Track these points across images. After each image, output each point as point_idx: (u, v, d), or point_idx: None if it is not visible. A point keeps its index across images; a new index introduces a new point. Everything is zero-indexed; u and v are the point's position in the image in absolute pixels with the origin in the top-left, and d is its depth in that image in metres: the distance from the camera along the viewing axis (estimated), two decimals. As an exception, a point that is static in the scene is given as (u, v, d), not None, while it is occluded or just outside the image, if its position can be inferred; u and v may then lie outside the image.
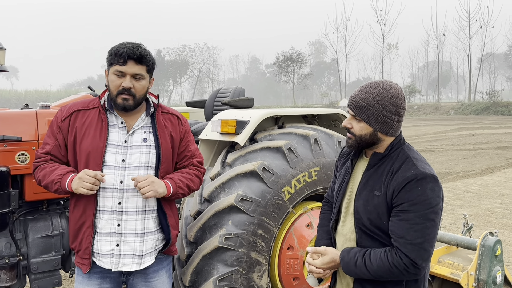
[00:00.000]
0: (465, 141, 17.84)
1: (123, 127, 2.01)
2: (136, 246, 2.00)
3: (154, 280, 2.10)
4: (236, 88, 3.92)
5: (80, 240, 1.99)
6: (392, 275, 1.65)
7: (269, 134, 2.98)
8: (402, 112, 1.74)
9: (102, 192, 1.95)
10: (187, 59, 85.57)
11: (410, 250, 1.61)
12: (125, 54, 1.89)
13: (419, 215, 1.62)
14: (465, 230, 4.10)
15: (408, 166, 1.68)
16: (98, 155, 1.93)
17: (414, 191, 1.62)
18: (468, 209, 7.19)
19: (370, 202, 1.73)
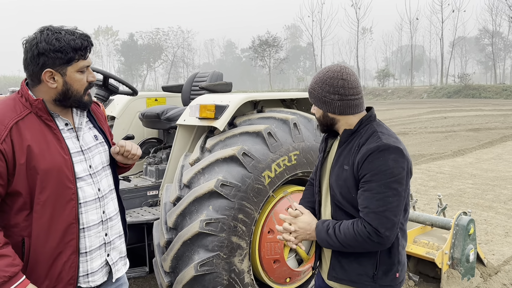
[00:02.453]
0: (437, 124, 18.28)
1: (70, 129, 1.73)
2: (122, 248, 1.91)
3: (122, 277, 1.98)
4: (213, 72, 3.87)
5: (57, 274, 1.66)
6: (357, 243, 1.70)
7: (249, 119, 2.95)
8: (342, 91, 1.78)
9: (84, 207, 1.70)
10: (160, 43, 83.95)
11: (372, 219, 1.66)
12: (87, 46, 1.66)
13: (380, 185, 1.66)
14: (439, 211, 4.22)
15: (373, 139, 1.74)
16: (68, 169, 1.64)
17: (376, 161, 1.68)
18: (441, 190, 7.40)
19: (341, 176, 1.79)
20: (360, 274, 1.80)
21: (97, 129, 1.85)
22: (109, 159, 1.86)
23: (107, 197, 1.81)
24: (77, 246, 1.69)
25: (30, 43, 1.61)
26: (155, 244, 2.74)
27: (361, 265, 1.80)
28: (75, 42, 1.62)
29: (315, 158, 3.01)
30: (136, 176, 3.65)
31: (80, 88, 1.69)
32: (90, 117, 1.84)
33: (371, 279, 1.79)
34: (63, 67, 1.62)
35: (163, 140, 3.95)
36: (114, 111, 3.94)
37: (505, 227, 5.53)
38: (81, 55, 1.64)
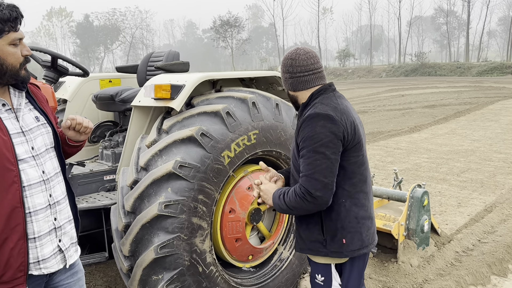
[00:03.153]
0: (395, 102, 18.81)
1: (9, 110, 1.65)
2: (72, 234, 1.85)
3: (76, 264, 1.93)
4: (169, 51, 3.76)
5: (5, 261, 1.59)
6: (298, 205, 1.87)
7: (206, 99, 2.90)
8: (291, 69, 1.99)
9: (28, 191, 1.63)
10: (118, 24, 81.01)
11: (304, 181, 1.84)
12: (17, 17, 1.58)
13: (309, 150, 1.83)
14: (395, 184, 4.37)
15: (310, 109, 1.91)
16: (8, 150, 1.56)
17: (306, 129, 1.85)
18: (398, 165, 7.67)
19: (292, 145, 2.02)
20: (313, 241, 1.98)
21: (38, 110, 1.77)
22: (53, 142, 1.79)
23: (53, 180, 1.74)
24: (24, 231, 1.62)
25: None
26: (113, 229, 2.68)
27: (311, 232, 1.98)
28: (3, 13, 1.54)
29: (274, 137, 3.02)
30: (91, 160, 3.53)
31: (15, 63, 1.61)
32: (30, 98, 1.77)
33: (321, 244, 1.96)
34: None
35: (119, 123, 3.83)
36: (66, 93, 3.77)
37: (458, 198, 5.82)
38: (11, 26, 1.57)
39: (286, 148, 3.12)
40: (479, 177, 6.80)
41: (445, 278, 3.58)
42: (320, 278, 2.02)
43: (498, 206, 5.35)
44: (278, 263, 3.29)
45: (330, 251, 1.95)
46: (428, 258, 3.95)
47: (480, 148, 8.90)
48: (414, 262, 3.79)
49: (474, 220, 4.96)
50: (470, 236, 4.45)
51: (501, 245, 4.12)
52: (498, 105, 16.30)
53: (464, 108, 15.52)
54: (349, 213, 1.92)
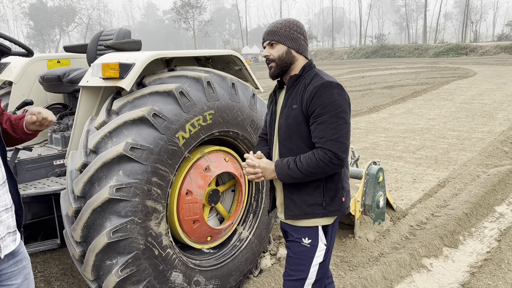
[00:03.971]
0: (356, 83, 19.15)
1: None
2: (10, 222, 1.76)
3: (20, 252, 1.86)
4: (120, 29, 3.60)
5: None
6: (320, 169, 1.93)
7: (159, 78, 2.81)
8: (305, 34, 2.10)
9: None
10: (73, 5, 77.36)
11: (330, 145, 1.90)
12: None
13: (331, 115, 1.91)
14: (352, 162, 4.45)
15: (316, 79, 1.99)
16: None
17: (323, 96, 1.92)
18: (357, 144, 7.83)
19: (290, 115, 2.01)
20: (311, 204, 2.03)
21: None
22: None
23: None
24: None
25: None
26: (64, 214, 2.57)
27: (310, 196, 2.03)
28: None
29: (231, 117, 2.97)
30: (40, 145, 3.37)
31: None
32: None
33: (321, 206, 2.03)
34: None
35: (68, 105, 3.67)
36: (11, 75, 3.56)
37: (413, 175, 6.02)
38: None
39: (244, 128, 3.09)
40: (434, 154, 7.06)
41: (400, 251, 3.71)
42: (307, 241, 2.07)
43: (451, 181, 5.58)
44: (237, 243, 3.29)
45: (329, 211, 2.03)
46: (384, 232, 4.08)
47: (435, 126, 9.23)
48: (370, 237, 3.90)
49: (428, 195, 5.15)
50: (424, 211, 4.63)
51: (453, 218, 4.30)
52: (453, 85, 16.93)
53: (421, 88, 16.01)
54: (345, 173, 2.08)
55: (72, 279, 3.45)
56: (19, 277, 1.83)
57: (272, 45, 2.06)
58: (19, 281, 1.83)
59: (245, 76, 3.54)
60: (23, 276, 1.85)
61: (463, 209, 4.54)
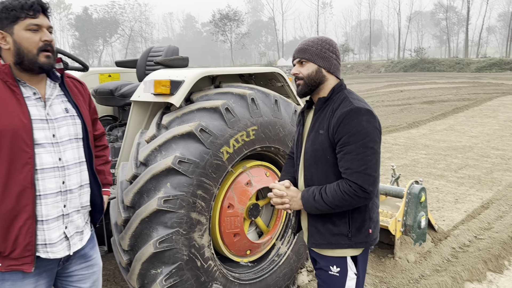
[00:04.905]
0: (394, 97, 18.82)
1: (38, 99, 1.75)
2: (79, 223, 1.90)
3: (93, 258, 2.02)
4: (169, 46, 3.75)
5: (14, 238, 1.68)
6: (345, 202, 1.83)
7: (206, 94, 2.91)
8: (338, 53, 2.01)
9: (41, 174, 1.70)
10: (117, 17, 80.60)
11: (356, 178, 1.80)
12: (37, 5, 1.68)
13: (358, 145, 1.79)
14: (393, 180, 4.39)
15: (345, 104, 1.88)
16: (26, 133, 1.65)
17: (351, 123, 1.81)
18: (396, 161, 7.69)
19: (316, 140, 1.92)
20: (336, 234, 1.93)
21: (71, 103, 1.86)
22: (79, 134, 1.86)
23: (70, 169, 1.80)
24: (33, 212, 1.69)
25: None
26: (112, 223, 2.70)
27: (335, 226, 1.93)
28: (20, 2, 1.65)
29: (273, 133, 3.03)
30: (91, 155, 3.54)
31: (30, 47, 1.68)
32: (65, 91, 1.86)
33: (346, 237, 1.92)
34: (11, 26, 1.66)
35: (118, 118, 3.84)
36: (65, 88, 3.77)
37: (455, 194, 5.85)
38: (27, 13, 1.66)
39: (285, 144, 3.13)
40: (477, 173, 6.83)
41: (441, 274, 3.62)
42: (336, 269, 1.98)
43: (495, 203, 5.39)
44: (275, 258, 3.31)
45: (355, 242, 1.93)
46: (425, 254, 3.99)
47: (478, 145, 8.93)
48: (411, 258, 3.82)
49: (471, 217, 4.99)
50: (467, 232, 4.49)
51: (497, 242, 4.15)
52: (496, 102, 16.33)
53: (462, 104, 15.54)
54: (373, 203, 1.97)
55: (115, 285, 3.58)
56: (88, 281, 1.99)
57: (302, 63, 1.97)
58: (87, 285, 1.99)
59: (287, 93, 3.60)
60: (91, 281, 2.00)
61: (509, 232, 4.37)
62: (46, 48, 1.71)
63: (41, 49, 1.70)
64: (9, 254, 1.69)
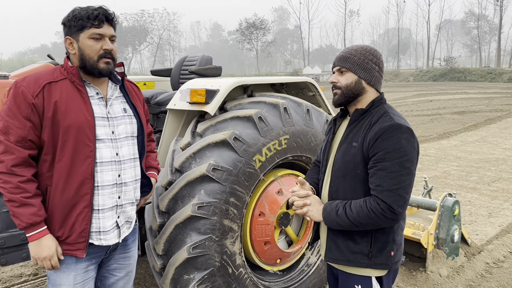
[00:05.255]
0: (423, 107, 18.48)
1: (101, 98, 1.91)
2: (131, 214, 2.05)
3: (131, 250, 2.16)
4: (203, 56, 3.83)
5: (71, 224, 1.83)
6: (370, 220, 1.73)
7: (239, 103, 2.96)
8: (381, 65, 1.90)
9: (100, 167, 1.85)
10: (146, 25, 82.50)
11: (386, 196, 1.69)
12: (101, 15, 1.80)
13: (394, 164, 1.70)
14: (425, 192, 4.31)
15: (385, 119, 1.78)
16: (90, 129, 1.80)
17: (389, 140, 1.71)
18: (426, 172, 7.54)
19: (348, 152, 1.83)
20: (356, 252, 1.84)
21: (129, 104, 2.01)
22: (135, 132, 2.01)
23: (125, 163, 1.95)
24: (90, 201, 1.84)
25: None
26: (147, 227, 2.76)
27: (356, 243, 1.83)
28: (87, 12, 1.80)
29: (305, 142, 3.04)
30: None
31: (92, 54, 1.81)
32: (124, 93, 2.01)
33: (366, 256, 1.83)
34: (77, 34, 1.81)
35: (152, 125, 3.94)
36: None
37: (489, 208, 5.68)
38: (92, 23, 1.79)
39: (316, 153, 3.14)
40: (511, 187, 6.62)
41: (475, 290, 3.52)
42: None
43: (531, 218, 5.20)
44: (305, 268, 3.31)
45: (375, 263, 1.83)
46: (458, 268, 3.89)
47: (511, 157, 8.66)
48: (443, 272, 3.74)
49: (506, 231, 4.84)
50: (501, 248, 4.35)
51: (534, 258, 4.01)
52: (531, 113, 15.80)
53: (495, 115, 15.11)
54: (399, 225, 1.88)
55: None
56: (123, 271, 2.13)
57: (342, 72, 1.87)
58: (122, 274, 2.13)
59: (318, 102, 3.61)
60: (126, 272, 2.14)
61: (547, 249, 4.21)
62: (106, 55, 1.83)
63: (101, 56, 1.82)
64: (65, 239, 1.84)
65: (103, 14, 1.81)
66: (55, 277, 1.90)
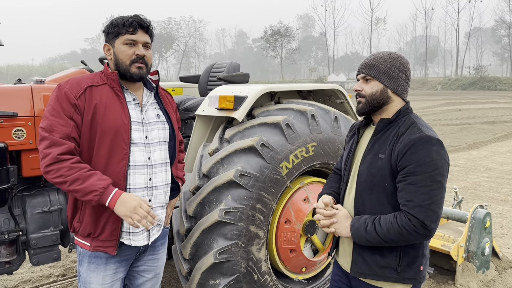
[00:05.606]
0: (452, 116, 18.07)
1: (137, 104, 1.98)
2: (161, 217, 2.09)
3: (160, 252, 2.20)
4: (231, 63, 3.87)
5: (103, 222, 1.90)
6: (402, 237, 1.67)
7: (267, 110, 2.97)
8: (408, 73, 1.83)
9: (132, 170, 1.91)
10: (172, 33, 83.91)
11: (418, 212, 1.63)
12: (135, 23, 1.88)
13: (426, 177, 1.63)
14: (455, 203, 4.21)
15: (413, 130, 1.71)
16: (126, 133, 1.87)
17: (419, 152, 1.64)
18: (456, 183, 7.36)
19: (374, 164, 1.76)
20: (384, 266, 1.78)
21: (162, 110, 2.08)
22: (167, 137, 2.06)
23: (156, 167, 2.00)
24: None
25: None
26: (175, 231, 2.79)
27: (384, 258, 1.78)
28: (123, 19, 1.89)
29: (332, 150, 3.02)
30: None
31: (124, 59, 1.89)
32: (158, 100, 2.08)
33: (394, 271, 1.77)
34: (113, 40, 1.90)
35: (181, 130, 3.98)
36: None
37: (521, 221, 5.49)
38: (127, 30, 1.87)
39: (344, 161, 3.11)
40: (545, 200, 6.38)
41: (508, 306, 3.39)
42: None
43: None
44: (331, 277, 3.26)
45: (403, 277, 1.78)
46: (488, 282, 3.76)
47: (545, 169, 8.35)
48: (473, 286, 3.62)
49: (540, 246, 4.66)
50: (535, 263, 4.18)
51: None
52: None
53: (527, 125, 14.63)
54: (428, 240, 1.83)
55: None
56: (151, 273, 2.17)
57: (367, 80, 1.80)
58: (150, 276, 2.17)
59: (346, 109, 3.59)
60: (154, 274, 2.19)
61: None
62: (138, 60, 1.90)
63: (133, 61, 1.89)
64: (97, 236, 1.91)
65: (137, 22, 1.89)
66: (86, 275, 1.96)
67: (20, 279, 3.93)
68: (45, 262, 2.77)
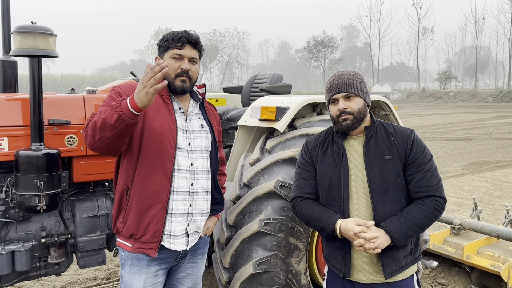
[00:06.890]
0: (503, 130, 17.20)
1: (182, 113, 2.08)
2: (200, 225, 2.14)
3: (200, 261, 2.24)
4: (273, 74, 3.90)
5: (147, 223, 1.95)
6: (435, 218, 1.90)
7: (308, 121, 2.96)
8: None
9: (177, 173, 1.99)
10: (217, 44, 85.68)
11: (440, 192, 1.91)
12: (183, 38, 1.97)
13: (431, 162, 1.94)
14: (506, 222, 3.99)
15: (397, 127, 2.00)
16: (172, 137, 1.97)
17: (420, 143, 1.95)
18: (507, 200, 6.97)
19: (385, 166, 1.91)
20: (405, 256, 1.94)
21: (206, 121, 2.17)
22: (210, 147, 2.14)
23: (198, 174, 2.07)
24: (166, 204, 1.96)
25: None
26: (215, 240, 2.83)
27: (405, 248, 1.93)
28: (173, 35, 1.99)
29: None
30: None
31: (170, 72, 1.97)
32: (203, 111, 2.18)
33: (410, 255, 1.95)
34: (163, 53, 2.01)
35: (223, 140, 4.05)
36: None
37: None
38: (176, 44, 1.97)
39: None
40: None
41: None
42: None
43: None
44: (371, 293, 3.17)
45: (415, 258, 1.99)
46: (544, 308, 3.51)
47: None
48: (526, 311, 3.40)
49: None
50: None
51: None
52: None
53: None
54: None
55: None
56: (189, 281, 2.21)
57: (350, 98, 1.93)
58: (189, 284, 2.21)
59: (391, 121, 3.51)
60: (193, 282, 2.23)
61: None
62: (182, 74, 1.99)
63: (178, 74, 1.99)
64: (140, 237, 1.97)
65: (185, 37, 1.98)
66: (127, 278, 2.02)
67: (67, 280, 4.10)
68: (91, 265, 2.88)
